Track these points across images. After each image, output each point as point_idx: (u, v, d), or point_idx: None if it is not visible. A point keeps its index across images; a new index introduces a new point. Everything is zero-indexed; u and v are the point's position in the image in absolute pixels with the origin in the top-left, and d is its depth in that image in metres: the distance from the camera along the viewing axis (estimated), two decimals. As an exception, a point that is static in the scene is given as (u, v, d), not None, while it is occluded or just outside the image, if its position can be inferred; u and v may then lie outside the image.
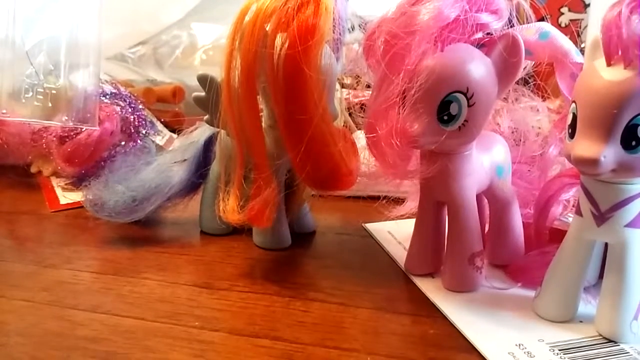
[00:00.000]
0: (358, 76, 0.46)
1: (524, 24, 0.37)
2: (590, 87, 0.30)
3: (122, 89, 0.65)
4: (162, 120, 0.73)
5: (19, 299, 0.38)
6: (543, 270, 0.36)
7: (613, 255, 0.33)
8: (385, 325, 0.35)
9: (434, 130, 0.34)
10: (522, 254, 0.41)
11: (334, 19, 0.38)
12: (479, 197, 0.40)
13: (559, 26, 0.77)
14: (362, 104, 0.39)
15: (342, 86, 0.55)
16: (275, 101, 0.39)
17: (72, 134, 0.58)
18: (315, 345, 0.33)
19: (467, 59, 0.34)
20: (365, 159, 0.41)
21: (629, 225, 0.31)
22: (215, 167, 0.48)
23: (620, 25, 0.28)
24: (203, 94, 0.45)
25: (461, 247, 0.38)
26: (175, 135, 0.69)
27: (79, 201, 0.53)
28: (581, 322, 0.35)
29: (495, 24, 0.35)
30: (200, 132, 0.50)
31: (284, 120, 0.39)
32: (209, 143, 0.49)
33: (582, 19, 0.77)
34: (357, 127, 0.58)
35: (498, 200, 0.41)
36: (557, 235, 0.37)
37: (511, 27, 0.36)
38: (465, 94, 0.33)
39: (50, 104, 0.57)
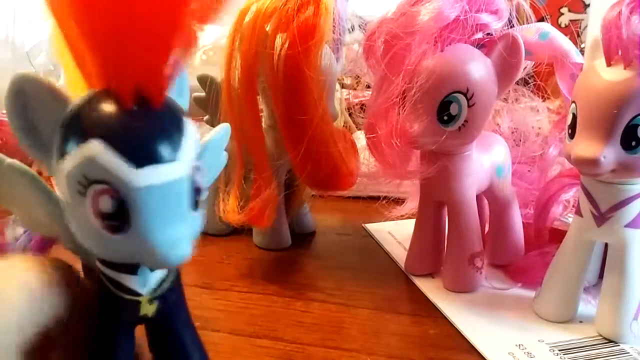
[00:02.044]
0: (358, 76, 0.46)
1: (524, 24, 0.37)
2: (590, 88, 0.30)
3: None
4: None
5: (19, 299, 0.38)
6: (543, 271, 0.36)
7: (613, 255, 0.33)
8: (385, 325, 0.35)
9: (434, 131, 0.34)
10: (522, 254, 0.41)
11: (334, 19, 0.38)
12: (479, 197, 0.40)
13: (558, 26, 0.77)
14: (362, 104, 0.39)
15: (342, 86, 0.55)
16: (275, 101, 0.39)
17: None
18: (315, 345, 0.33)
19: (467, 60, 0.34)
20: (365, 159, 0.41)
21: (629, 225, 0.31)
22: (215, 168, 0.48)
23: (620, 26, 0.28)
24: (203, 94, 0.45)
25: (461, 247, 0.38)
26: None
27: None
28: (581, 322, 0.35)
29: (495, 24, 0.35)
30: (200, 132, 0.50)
31: (284, 121, 0.39)
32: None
33: (582, 19, 0.77)
34: (357, 127, 0.58)
35: (498, 201, 0.41)
36: (557, 235, 0.37)
37: (511, 27, 0.36)
38: (465, 94, 0.33)
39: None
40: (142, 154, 0.20)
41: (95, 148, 0.20)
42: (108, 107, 0.21)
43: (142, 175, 0.20)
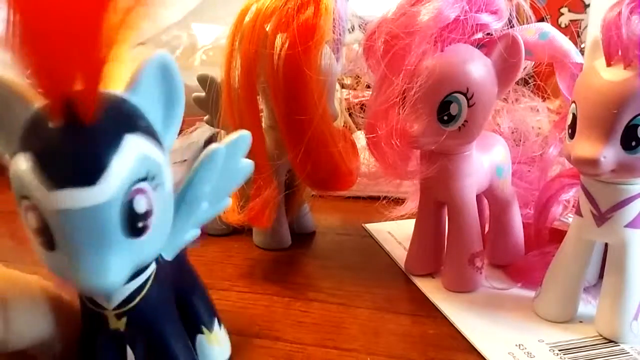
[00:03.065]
0: (358, 76, 0.46)
1: (523, 24, 0.37)
2: (590, 87, 0.30)
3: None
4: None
5: (19, 299, 0.38)
6: (543, 271, 0.36)
7: (613, 255, 0.33)
8: (385, 325, 0.35)
9: (434, 131, 0.34)
10: (522, 254, 0.41)
11: (334, 19, 0.38)
12: (479, 197, 0.40)
13: (558, 26, 0.77)
14: (362, 104, 0.39)
15: (342, 86, 0.55)
16: (275, 101, 0.39)
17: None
18: (315, 345, 0.33)
19: (467, 60, 0.34)
20: (365, 159, 0.41)
21: (629, 225, 0.31)
22: (215, 168, 0.48)
23: (620, 26, 0.28)
24: (203, 94, 0.45)
25: (461, 247, 0.38)
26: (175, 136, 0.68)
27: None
28: (581, 322, 0.35)
29: (495, 25, 0.35)
30: (200, 132, 0.50)
31: (284, 121, 0.39)
32: (209, 143, 0.49)
33: (582, 19, 0.77)
34: (357, 127, 0.58)
35: (498, 201, 0.41)
36: (557, 235, 0.37)
37: (511, 27, 0.36)
38: (465, 94, 0.33)
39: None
40: (60, 176, 0.19)
41: (21, 163, 0.19)
42: (40, 121, 0.20)
43: (58, 197, 0.19)
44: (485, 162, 0.39)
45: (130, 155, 0.20)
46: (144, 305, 0.24)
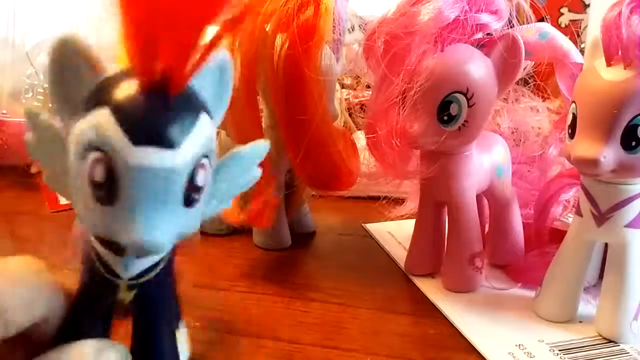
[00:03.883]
0: (358, 76, 0.46)
1: (524, 24, 0.37)
2: (590, 88, 0.30)
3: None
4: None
5: (19, 299, 0.38)
6: (543, 271, 0.36)
7: (613, 255, 0.33)
8: (385, 325, 0.35)
9: (434, 131, 0.34)
10: (522, 254, 0.41)
11: (334, 20, 0.38)
12: (479, 197, 0.40)
13: (558, 26, 0.77)
14: (362, 105, 0.39)
15: (342, 86, 0.55)
16: (275, 102, 0.39)
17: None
18: (315, 345, 0.33)
19: (467, 60, 0.34)
20: (366, 159, 0.41)
21: (629, 225, 0.31)
22: (215, 168, 0.48)
23: (620, 26, 0.28)
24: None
25: (461, 247, 0.38)
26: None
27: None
28: (581, 322, 0.35)
29: (495, 25, 0.35)
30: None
31: (284, 121, 0.39)
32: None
33: (582, 19, 0.77)
34: (357, 127, 0.58)
35: (498, 201, 0.41)
36: (557, 235, 0.37)
37: (511, 27, 0.36)
38: (465, 95, 0.33)
39: (50, 105, 0.57)
40: (144, 132, 0.20)
41: (103, 115, 0.20)
42: (128, 82, 0.21)
43: (138, 153, 0.20)
44: (485, 162, 0.39)
45: (204, 130, 0.22)
46: (154, 283, 0.25)
